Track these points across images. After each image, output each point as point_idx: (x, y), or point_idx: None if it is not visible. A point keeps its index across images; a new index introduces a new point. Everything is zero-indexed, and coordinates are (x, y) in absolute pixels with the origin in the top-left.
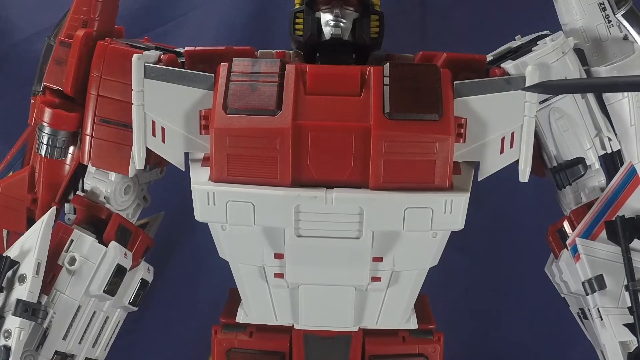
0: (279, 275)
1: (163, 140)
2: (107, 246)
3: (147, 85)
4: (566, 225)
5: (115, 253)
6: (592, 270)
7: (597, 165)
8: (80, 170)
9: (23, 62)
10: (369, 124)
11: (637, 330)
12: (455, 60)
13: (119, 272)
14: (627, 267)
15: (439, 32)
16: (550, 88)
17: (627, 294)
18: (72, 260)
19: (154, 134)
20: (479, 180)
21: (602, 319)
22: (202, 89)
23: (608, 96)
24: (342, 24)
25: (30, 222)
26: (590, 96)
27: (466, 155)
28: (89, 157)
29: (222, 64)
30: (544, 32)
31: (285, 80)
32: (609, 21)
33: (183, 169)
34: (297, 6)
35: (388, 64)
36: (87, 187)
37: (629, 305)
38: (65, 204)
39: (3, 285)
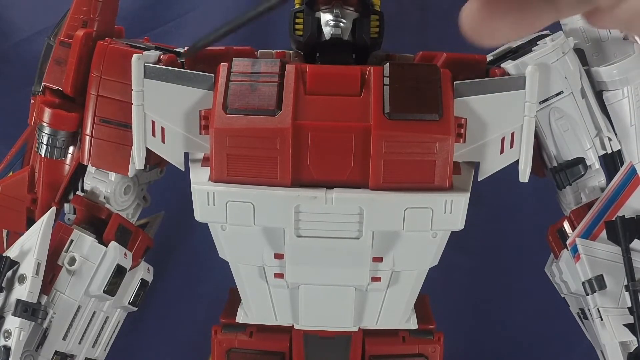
0: (279, 276)
1: (163, 140)
2: (107, 246)
3: (147, 85)
4: (566, 225)
5: (115, 253)
6: (592, 270)
7: (597, 165)
8: (80, 170)
9: (23, 62)
10: (369, 124)
11: (637, 330)
12: (455, 60)
13: (119, 272)
14: (627, 267)
15: (439, 32)
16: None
17: (627, 294)
18: (72, 261)
19: (153, 134)
20: (479, 180)
21: (602, 319)
22: (202, 89)
23: (608, 96)
24: (342, 24)
25: (30, 222)
26: (591, 96)
27: (466, 155)
28: (88, 157)
29: (222, 64)
30: (544, 32)
31: (285, 80)
32: None
33: (183, 169)
34: (297, 6)
35: (388, 64)
36: (87, 187)
37: (629, 305)
38: (65, 204)
39: (3, 285)
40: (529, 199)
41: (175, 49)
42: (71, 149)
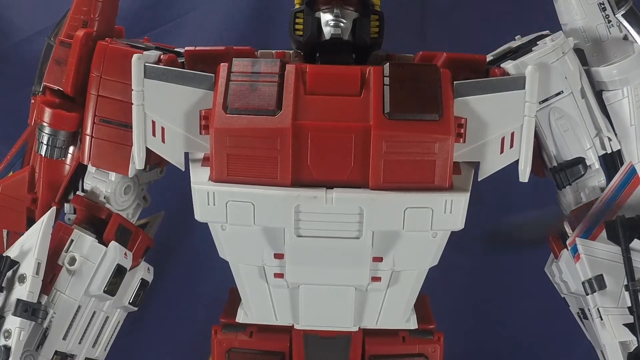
0: (279, 275)
1: (163, 140)
2: (107, 246)
3: (147, 85)
4: (566, 225)
5: (115, 253)
6: (592, 270)
7: (597, 165)
8: (80, 170)
9: (23, 62)
10: (369, 124)
11: (637, 330)
12: (455, 60)
13: (119, 272)
14: (627, 267)
15: (439, 32)
16: None
17: (627, 294)
18: (72, 260)
19: (154, 134)
20: (479, 180)
21: (602, 319)
22: (202, 89)
23: (608, 96)
24: (342, 24)
25: (30, 222)
26: (590, 96)
27: (466, 155)
28: (89, 157)
29: (222, 64)
30: (544, 32)
31: (285, 80)
32: (609, 21)
33: (183, 169)
34: (297, 6)
35: (388, 64)
36: (87, 187)
37: (629, 305)
38: (65, 204)
39: (3, 285)
40: (529, 199)
41: (175, 49)
42: (71, 149)
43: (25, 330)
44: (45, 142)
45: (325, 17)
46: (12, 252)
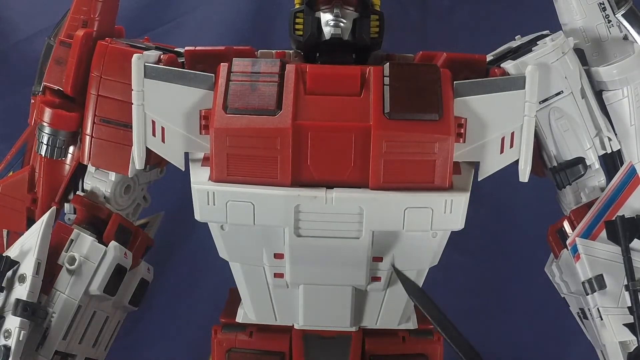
0: (279, 275)
1: (163, 140)
2: (107, 246)
3: (147, 85)
4: (566, 225)
5: (115, 253)
6: (592, 270)
7: (597, 165)
8: (80, 170)
9: (23, 62)
10: (369, 124)
11: (637, 330)
12: (455, 60)
13: (119, 272)
14: (627, 267)
15: (439, 32)
16: None
17: (627, 293)
18: (72, 260)
19: (154, 134)
20: (479, 180)
21: (602, 319)
22: (202, 89)
23: (608, 96)
24: (342, 24)
25: (30, 222)
26: (590, 96)
27: (466, 155)
28: (89, 157)
29: (222, 64)
30: (544, 32)
31: (285, 80)
32: (609, 21)
33: (183, 169)
34: (297, 6)
35: (388, 63)
36: (87, 187)
37: (629, 305)
38: (65, 204)
39: (3, 285)
40: (529, 199)
41: (175, 49)
42: (71, 148)
43: (25, 330)
44: (45, 142)
45: (325, 17)
46: (12, 252)
